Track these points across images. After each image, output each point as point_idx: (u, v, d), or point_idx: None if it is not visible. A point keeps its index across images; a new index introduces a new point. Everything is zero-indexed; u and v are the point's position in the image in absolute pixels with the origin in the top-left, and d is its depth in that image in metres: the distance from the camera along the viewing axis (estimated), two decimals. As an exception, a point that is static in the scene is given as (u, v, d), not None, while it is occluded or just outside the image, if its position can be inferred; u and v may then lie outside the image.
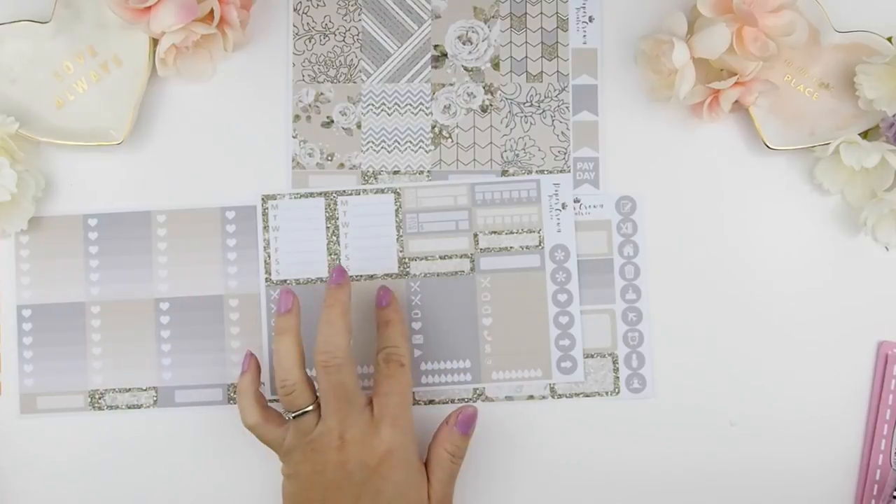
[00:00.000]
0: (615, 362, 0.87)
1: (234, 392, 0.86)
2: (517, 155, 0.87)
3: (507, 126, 0.87)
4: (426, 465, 0.81)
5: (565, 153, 0.87)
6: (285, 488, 0.81)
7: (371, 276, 0.87)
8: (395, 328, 0.83)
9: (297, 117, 0.87)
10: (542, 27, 0.88)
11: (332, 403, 0.78)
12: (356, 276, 0.87)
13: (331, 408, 0.78)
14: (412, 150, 0.87)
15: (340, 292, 0.80)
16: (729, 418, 0.87)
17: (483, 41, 0.88)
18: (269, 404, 0.83)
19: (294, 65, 0.88)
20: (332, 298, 0.80)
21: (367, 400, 0.80)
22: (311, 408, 0.79)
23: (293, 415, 0.80)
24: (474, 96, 0.88)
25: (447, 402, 0.87)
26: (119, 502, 0.86)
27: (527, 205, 0.87)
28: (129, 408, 0.86)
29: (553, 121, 0.87)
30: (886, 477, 0.87)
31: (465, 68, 0.88)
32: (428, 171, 0.87)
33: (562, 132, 0.87)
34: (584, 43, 0.88)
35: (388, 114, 0.88)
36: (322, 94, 0.88)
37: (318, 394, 0.80)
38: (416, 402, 0.87)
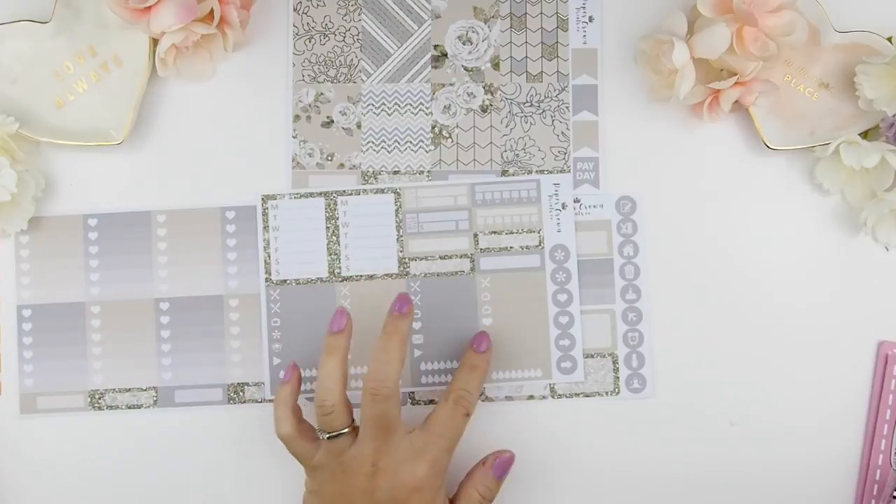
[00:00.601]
0: (615, 362, 0.87)
1: (234, 392, 0.86)
2: (517, 155, 0.87)
3: (507, 126, 0.87)
4: (454, 501, 0.81)
5: (565, 153, 0.87)
6: (308, 500, 0.81)
7: (371, 276, 0.87)
8: (478, 376, 0.82)
9: (297, 117, 0.87)
10: (542, 27, 0.88)
11: (371, 431, 0.78)
12: (356, 277, 0.87)
13: (369, 434, 0.78)
14: (412, 150, 0.87)
15: (402, 322, 0.79)
16: (729, 418, 0.87)
17: (483, 41, 0.88)
18: (304, 419, 0.83)
19: (294, 65, 0.88)
20: (393, 327, 0.79)
21: (408, 430, 0.79)
22: (346, 430, 0.79)
23: (328, 436, 0.79)
24: (474, 96, 0.88)
25: (447, 402, 0.87)
26: (119, 502, 0.86)
27: (527, 205, 0.87)
28: (129, 408, 0.86)
29: (553, 121, 0.87)
30: (886, 477, 0.87)
31: (465, 68, 0.88)
32: (428, 171, 0.87)
33: (562, 132, 0.87)
34: (584, 43, 0.88)
35: (388, 114, 0.88)
36: (322, 94, 0.88)
37: (356, 418, 0.80)
38: (415, 402, 0.87)
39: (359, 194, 0.87)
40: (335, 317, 0.80)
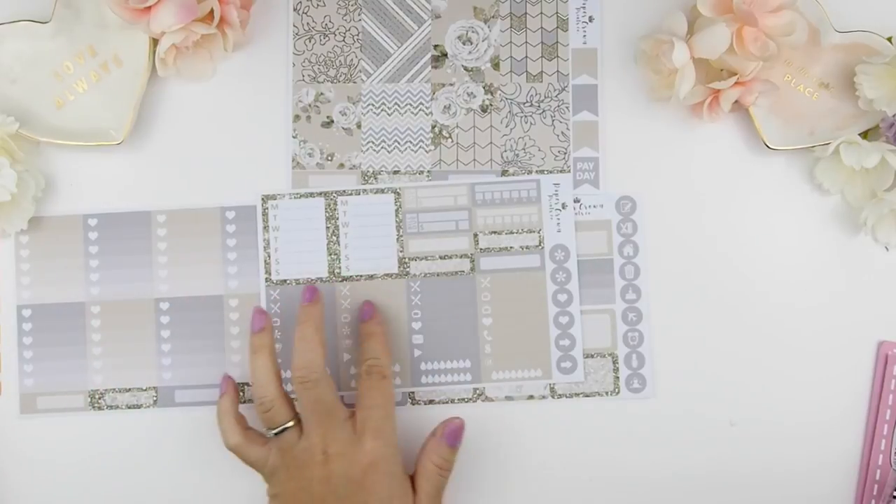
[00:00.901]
0: (615, 362, 0.87)
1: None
2: (517, 155, 0.87)
3: (507, 126, 0.87)
4: (414, 477, 0.81)
5: (565, 153, 0.87)
6: None
7: (371, 277, 0.87)
8: (377, 340, 0.83)
9: (297, 117, 0.87)
10: (542, 27, 0.88)
11: (313, 418, 0.79)
12: (356, 276, 0.87)
13: (312, 423, 0.79)
14: (412, 150, 0.87)
15: (313, 308, 0.81)
16: (729, 418, 0.87)
17: (483, 41, 0.88)
18: (251, 427, 0.83)
19: (294, 65, 0.88)
20: (305, 315, 0.81)
21: (348, 413, 0.80)
22: (291, 424, 0.80)
23: (274, 432, 0.80)
24: (474, 96, 0.88)
25: (447, 402, 0.87)
26: (119, 502, 0.86)
27: (527, 205, 0.87)
28: (129, 408, 0.86)
29: (553, 121, 0.87)
30: (886, 477, 0.87)
31: (465, 68, 0.88)
32: (428, 171, 0.87)
33: (562, 132, 0.87)
34: (584, 43, 0.88)
35: (388, 114, 0.88)
36: (322, 94, 0.88)
37: (298, 411, 0.80)
38: (415, 403, 0.87)
39: (359, 194, 0.87)
40: (253, 317, 0.82)
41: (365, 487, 0.78)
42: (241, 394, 0.86)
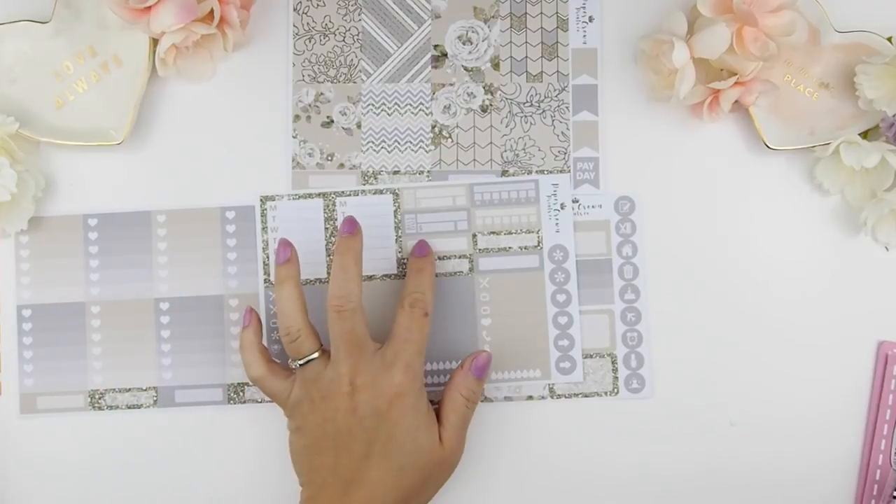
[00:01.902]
0: (614, 362, 0.87)
1: (234, 392, 0.86)
2: (517, 155, 0.87)
3: (507, 126, 0.87)
4: (439, 410, 0.81)
5: (565, 153, 0.87)
6: (294, 444, 0.81)
7: (370, 277, 0.87)
8: (426, 276, 0.83)
9: (297, 117, 0.87)
10: (542, 27, 0.88)
11: (344, 349, 0.78)
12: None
13: (342, 353, 0.78)
14: (412, 150, 0.87)
15: (353, 241, 0.81)
16: (728, 418, 0.87)
17: (483, 41, 0.88)
18: (274, 359, 0.83)
19: (294, 65, 0.88)
20: (345, 246, 0.80)
21: (376, 346, 0.80)
22: (316, 354, 0.80)
23: (300, 362, 0.80)
24: (474, 96, 0.88)
25: (447, 402, 0.87)
26: (119, 502, 0.86)
27: (525, 205, 0.87)
28: (129, 408, 0.86)
29: (553, 121, 0.87)
30: (886, 477, 0.87)
31: (465, 68, 0.88)
32: (428, 172, 0.87)
33: (562, 132, 0.87)
34: (584, 43, 0.88)
35: (388, 114, 0.88)
36: (322, 94, 0.88)
37: (324, 341, 0.80)
38: (415, 402, 0.87)
39: (357, 195, 0.87)
40: (279, 249, 0.81)
41: (391, 419, 0.78)
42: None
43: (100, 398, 0.86)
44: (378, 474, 0.77)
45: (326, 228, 0.87)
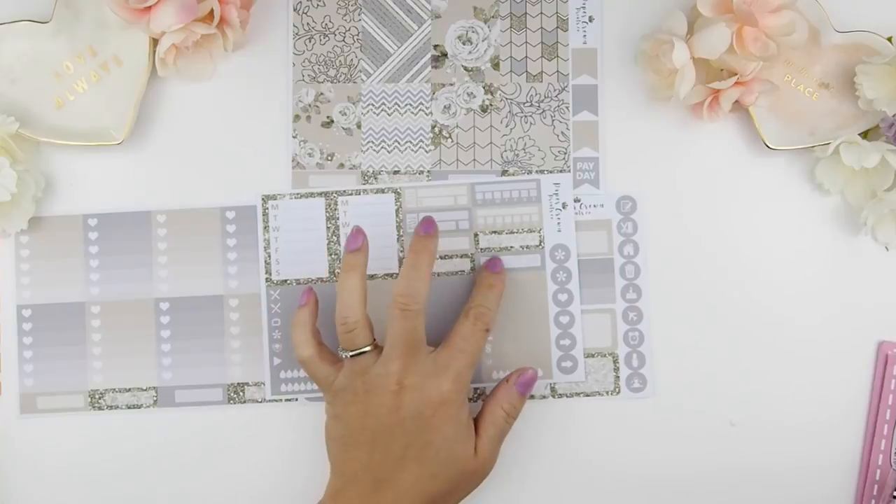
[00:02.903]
0: (615, 362, 0.87)
1: (234, 392, 0.86)
2: (517, 155, 0.87)
3: (507, 126, 0.87)
4: (478, 421, 0.81)
5: (565, 153, 0.87)
6: (330, 430, 0.81)
7: (372, 277, 0.86)
8: (495, 293, 0.83)
9: (297, 117, 0.87)
10: (542, 27, 0.88)
11: (400, 348, 0.78)
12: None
13: (397, 351, 0.78)
14: (412, 150, 0.87)
15: (430, 242, 0.81)
16: (729, 418, 0.87)
17: (483, 41, 0.88)
18: (324, 342, 0.83)
19: (294, 65, 0.88)
20: (420, 245, 0.80)
21: (429, 349, 0.80)
22: (369, 348, 0.79)
23: (351, 354, 0.80)
24: (474, 96, 0.88)
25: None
26: (118, 502, 0.86)
27: (527, 204, 0.87)
28: (129, 408, 0.86)
29: (553, 121, 0.87)
30: (886, 477, 0.87)
31: (465, 68, 0.88)
32: (428, 172, 0.87)
33: (562, 132, 0.87)
34: (584, 43, 0.88)
35: (388, 114, 0.88)
36: (322, 94, 0.88)
37: (380, 336, 0.80)
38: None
39: (359, 194, 0.87)
40: (351, 236, 0.81)
41: (432, 426, 0.78)
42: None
43: (100, 398, 0.86)
44: (411, 478, 0.77)
45: (328, 228, 0.86)
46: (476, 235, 0.87)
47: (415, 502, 0.77)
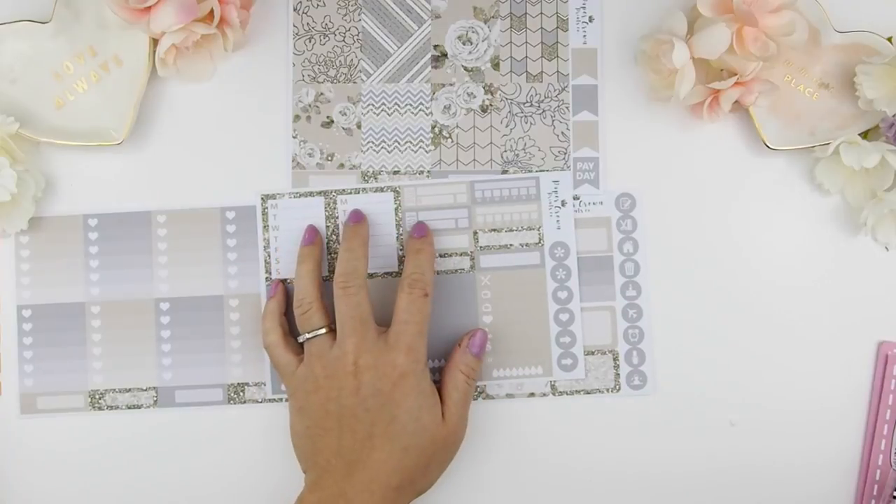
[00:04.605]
0: (616, 359, 0.87)
1: (234, 392, 0.86)
2: (517, 155, 0.87)
3: (507, 126, 0.87)
4: (441, 388, 0.82)
5: (565, 153, 0.87)
6: (296, 426, 0.81)
7: (371, 275, 0.86)
8: (425, 257, 0.84)
9: (297, 117, 0.87)
10: (542, 27, 0.88)
11: (349, 325, 0.79)
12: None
13: (347, 329, 0.79)
14: (412, 150, 0.87)
15: (359, 227, 0.84)
16: (729, 418, 0.87)
17: (483, 41, 0.88)
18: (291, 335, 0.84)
19: (294, 65, 0.88)
20: (351, 232, 0.83)
21: (379, 330, 0.81)
22: (324, 330, 0.81)
23: (308, 336, 0.81)
24: (474, 96, 0.88)
25: (447, 402, 0.87)
26: (119, 502, 0.86)
27: (526, 202, 0.87)
28: (129, 408, 0.86)
29: (553, 121, 0.87)
30: (886, 477, 0.87)
31: (465, 68, 0.88)
32: (428, 172, 0.87)
33: (562, 132, 0.87)
34: (584, 43, 0.88)
35: (388, 114, 0.88)
36: (322, 94, 0.88)
37: (334, 319, 0.81)
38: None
39: (358, 193, 0.87)
40: (306, 232, 0.85)
41: (394, 400, 0.78)
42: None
43: (100, 398, 0.86)
44: (382, 455, 0.77)
45: (328, 227, 0.86)
46: (475, 233, 0.87)
47: (390, 479, 0.78)
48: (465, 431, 0.83)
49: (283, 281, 0.86)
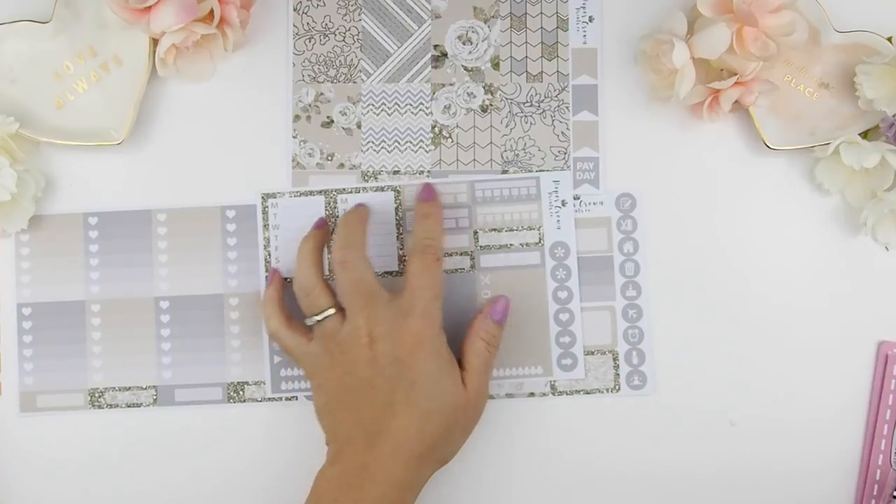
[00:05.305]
0: (615, 359, 0.87)
1: (234, 391, 0.86)
2: (517, 155, 0.87)
3: (507, 126, 0.88)
4: (461, 356, 0.81)
5: (565, 153, 0.87)
6: (318, 401, 0.81)
7: (371, 275, 0.87)
8: (434, 221, 0.83)
9: (297, 117, 0.87)
10: (542, 27, 0.88)
11: (356, 301, 0.79)
12: (356, 275, 0.87)
13: (355, 306, 0.79)
14: (412, 150, 0.88)
15: (361, 209, 0.84)
16: (729, 418, 0.87)
17: (483, 41, 0.88)
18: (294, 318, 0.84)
19: (294, 65, 0.88)
20: (350, 212, 0.83)
21: (390, 295, 0.80)
22: (332, 311, 0.80)
23: (317, 318, 0.80)
24: (474, 96, 0.88)
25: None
26: (118, 501, 0.86)
27: (527, 202, 0.87)
28: (129, 406, 0.86)
29: (553, 121, 0.87)
30: (886, 477, 0.87)
31: (465, 68, 0.88)
32: (428, 172, 0.87)
33: (562, 132, 0.87)
34: (584, 43, 0.88)
35: (388, 114, 0.88)
36: (322, 94, 0.88)
37: (339, 298, 0.81)
38: (416, 402, 0.87)
39: (359, 192, 0.87)
40: (316, 222, 0.85)
41: (412, 366, 0.78)
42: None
43: (100, 397, 0.86)
44: (403, 422, 0.77)
45: (328, 226, 0.86)
46: (476, 233, 0.87)
47: (412, 447, 0.77)
48: (486, 401, 0.82)
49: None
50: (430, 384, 0.78)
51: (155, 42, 0.84)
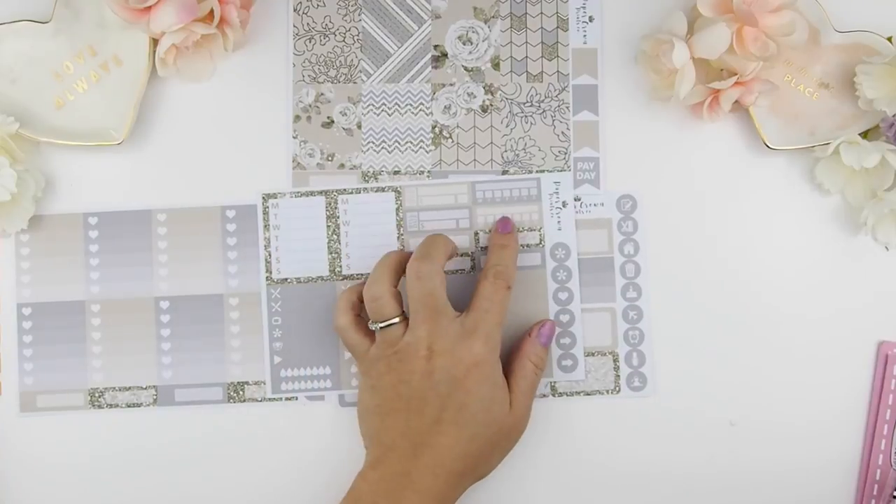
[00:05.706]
0: (616, 360, 0.87)
1: (234, 391, 0.86)
2: (517, 155, 0.87)
3: (507, 126, 0.88)
4: (509, 377, 0.82)
5: (566, 153, 0.87)
6: (365, 402, 0.81)
7: (371, 276, 0.87)
8: (510, 252, 0.84)
9: (297, 118, 0.87)
10: (542, 27, 0.88)
11: (423, 313, 0.79)
12: (357, 275, 0.87)
13: (420, 317, 0.79)
14: (412, 150, 0.87)
15: (445, 236, 0.84)
16: (729, 418, 0.87)
17: (483, 41, 0.88)
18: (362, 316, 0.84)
19: (294, 65, 0.88)
20: (441, 235, 0.83)
21: (456, 314, 0.80)
22: (397, 319, 0.80)
23: (380, 325, 0.80)
24: (474, 96, 0.88)
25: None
26: (118, 501, 0.86)
27: (527, 203, 0.87)
28: (129, 406, 0.86)
29: (553, 121, 0.87)
30: (886, 477, 0.87)
31: (466, 68, 0.88)
32: (428, 172, 0.87)
33: (562, 132, 0.87)
34: (585, 43, 0.88)
35: (389, 114, 0.88)
36: (322, 94, 0.88)
37: (405, 307, 0.81)
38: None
39: (359, 193, 0.87)
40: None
41: (466, 388, 0.78)
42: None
43: (100, 397, 0.86)
44: (449, 440, 0.78)
45: (328, 226, 0.86)
46: (476, 234, 0.87)
47: (455, 464, 0.78)
48: (529, 420, 0.83)
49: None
50: (480, 409, 0.78)
51: (155, 42, 0.84)
